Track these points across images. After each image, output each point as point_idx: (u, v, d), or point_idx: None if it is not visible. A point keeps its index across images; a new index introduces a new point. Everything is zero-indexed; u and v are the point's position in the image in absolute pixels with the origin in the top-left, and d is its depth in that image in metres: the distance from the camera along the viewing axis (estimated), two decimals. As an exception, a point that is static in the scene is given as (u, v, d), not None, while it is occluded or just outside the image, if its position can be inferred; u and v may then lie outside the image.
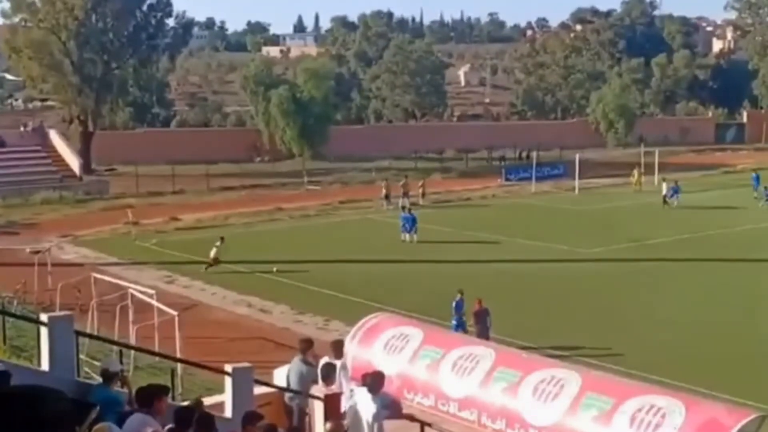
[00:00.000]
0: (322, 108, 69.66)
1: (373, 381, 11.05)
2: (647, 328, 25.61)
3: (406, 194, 47.60)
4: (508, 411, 14.02)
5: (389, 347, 16.58)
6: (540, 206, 50.21)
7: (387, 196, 49.00)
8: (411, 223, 39.04)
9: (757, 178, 50.49)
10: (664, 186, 48.85)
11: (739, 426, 12.54)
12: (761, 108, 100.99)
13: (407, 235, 38.88)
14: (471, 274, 31.90)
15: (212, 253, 33.33)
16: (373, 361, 15.50)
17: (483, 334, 21.82)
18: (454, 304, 23.94)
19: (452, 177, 63.20)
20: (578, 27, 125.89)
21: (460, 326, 23.43)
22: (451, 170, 66.84)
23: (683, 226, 42.35)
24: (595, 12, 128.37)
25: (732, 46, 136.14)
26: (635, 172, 55.76)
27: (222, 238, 34.31)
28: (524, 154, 71.87)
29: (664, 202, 47.70)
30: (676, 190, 48.54)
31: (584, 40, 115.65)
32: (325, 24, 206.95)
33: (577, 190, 55.02)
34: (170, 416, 8.37)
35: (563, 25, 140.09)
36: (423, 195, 50.51)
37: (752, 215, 44.89)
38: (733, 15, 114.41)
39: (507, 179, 60.95)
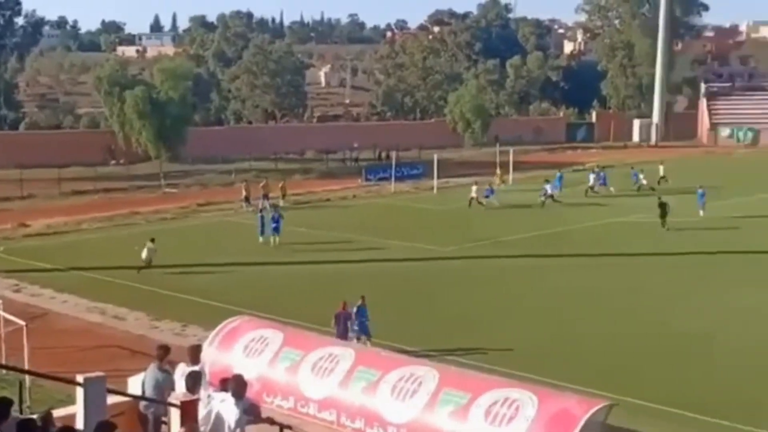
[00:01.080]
0: (179, 109, 68.51)
1: (237, 386, 10.84)
2: (509, 324, 26.21)
3: (266, 196, 47.24)
4: (367, 410, 14.10)
5: (249, 350, 16.42)
6: (400, 206, 50.75)
7: (247, 198, 48.53)
8: (274, 223, 38.18)
9: (560, 178, 52.90)
10: (474, 188, 48.83)
11: (588, 415, 13.01)
12: (609, 108, 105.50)
13: (270, 237, 38.06)
14: (332, 276, 31.96)
15: (143, 254, 32.59)
16: (233, 364, 15.32)
17: (343, 336, 21.87)
18: (355, 309, 22.95)
19: (313, 178, 63.20)
20: (436, 29, 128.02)
21: (363, 331, 22.74)
22: (311, 171, 66.83)
23: (540, 223, 43.66)
24: (452, 14, 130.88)
25: (582, 47, 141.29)
26: (498, 171, 57.24)
27: (152, 239, 33.45)
28: (384, 155, 72.54)
29: (470, 204, 47.79)
30: (491, 191, 49.36)
31: (442, 41, 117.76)
32: (183, 24, 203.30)
33: (435, 190, 55.89)
34: (12, 429, 8.02)
35: (422, 27, 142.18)
36: (283, 196, 50.22)
37: (601, 212, 46.70)
38: (583, 17, 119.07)
39: (367, 179, 61.30)
